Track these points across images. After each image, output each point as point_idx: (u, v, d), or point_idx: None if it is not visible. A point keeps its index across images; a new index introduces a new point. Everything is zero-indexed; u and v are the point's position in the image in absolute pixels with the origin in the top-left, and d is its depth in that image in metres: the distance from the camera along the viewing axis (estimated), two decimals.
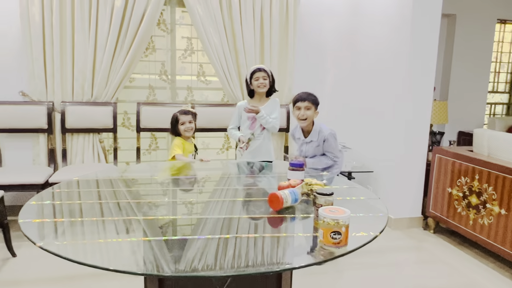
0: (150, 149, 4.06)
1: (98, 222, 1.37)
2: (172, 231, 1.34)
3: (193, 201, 1.69)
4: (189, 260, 1.09)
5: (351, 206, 1.65)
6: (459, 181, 3.04)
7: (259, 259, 1.10)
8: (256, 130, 2.87)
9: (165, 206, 1.61)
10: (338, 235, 1.15)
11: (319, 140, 2.61)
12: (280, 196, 1.47)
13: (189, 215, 1.51)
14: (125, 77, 3.59)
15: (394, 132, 3.42)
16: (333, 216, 1.14)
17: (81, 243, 1.21)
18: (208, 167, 2.46)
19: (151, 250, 1.15)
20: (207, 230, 1.32)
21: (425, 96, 3.33)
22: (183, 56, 3.99)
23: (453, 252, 3.00)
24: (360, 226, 1.39)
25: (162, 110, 3.63)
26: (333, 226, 1.14)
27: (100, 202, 1.59)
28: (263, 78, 2.80)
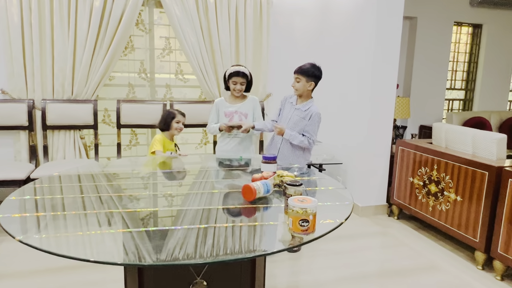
0: (130, 144, 4.03)
1: (80, 215, 1.37)
2: (153, 223, 1.35)
3: (173, 194, 1.69)
4: (170, 250, 1.10)
5: (320, 196, 1.69)
6: (420, 171, 3.15)
7: (235, 247, 1.12)
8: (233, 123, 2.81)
9: (145, 199, 1.61)
10: (306, 223, 1.18)
11: (305, 113, 2.55)
12: (253, 187, 1.49)
13: (169, 207, 1.52)
14: (105, 75, 3.53)
15: (361, 127, 3.50)
16: (301, 205, 1.17)
17: (63, 236, 1.20)
18: (187, 161, 2.46)
19: (133, 241, 1.16)
20: (187, 220, 1.33)
21: (389, 93, 3.43)
22: (161, 55, 3.96)
23: (415, 236, 3.12)
24: (328, 214, 1.43)
25: (142, 107, 3.60)
26: (301, 215, 1.17)
27: (82, 196, 1.58)
28: (241, 84, 2.73)
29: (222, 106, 2.84)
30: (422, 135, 4.88)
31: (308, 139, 2.57)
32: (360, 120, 3.51)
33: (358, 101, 3.52)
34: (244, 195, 1.53)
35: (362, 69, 3.44)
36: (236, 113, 2.82)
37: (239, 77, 2.71)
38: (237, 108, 2.82)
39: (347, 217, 1.39)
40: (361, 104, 3.49)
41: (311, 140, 2.57)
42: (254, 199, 1.51)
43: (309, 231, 1.20)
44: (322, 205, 1.51)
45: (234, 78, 2.71)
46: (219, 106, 2.86)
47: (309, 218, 1.18)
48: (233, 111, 2.82)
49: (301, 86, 2.54)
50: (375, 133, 3.45)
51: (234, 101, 2.84)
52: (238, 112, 2.82)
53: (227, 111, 2.82)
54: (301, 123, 2.58)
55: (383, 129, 3.47)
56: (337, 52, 3.83)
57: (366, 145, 3.47)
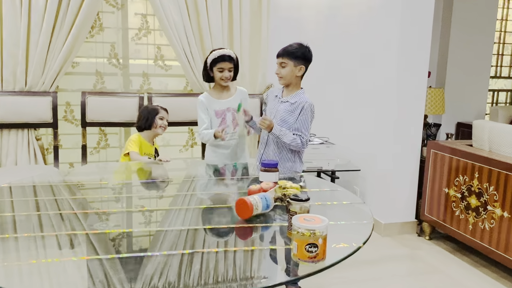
0: (98, 147, 4.03)
1: (36, 238, 1.37)
2: (127, 246, 1.36)
3: (151, 209, 1.70)
4: (147, 278, 1.11)
5: (332, 213, 1.71)
6: (457, 180, 3.16)
7: (228, 277, 1.14)
8: (228, 129, 2.80)
9: (117, 216, 1.62)
10: (314, 248, 1.18)
11: (295, 105, 2.51)
12: (249, 202, 1.50)
13: (147, 227, 1.53)
14: (66, 62, 3.54)
15: (383, 125, 3.51)
16: (309, 226, 1.18)
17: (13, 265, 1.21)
18: (169, 168, 2.48)
19: (102, 268, 1.17)
20: (168, 244, 1.34)
21: (419, 82, 3.43)
22: (137, 36, 3.97)
23: (451, 261, 3.11)
24: (341, 236, 1.44)
25: (113, 101, 3.61)
26: (309, 238, 1.17)
27: (38, 214, 1.59)
28: (229, 70, 2.72)
29: (210, 103, 2.82)
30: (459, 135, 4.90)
31: (301, 138, 2.48)
32: (383, 116, 3.51)
33: (381, 93, 3.53)
34: (239, 212, 1.53)
35: (385, 54, 3.46)
36: (228, 110, 2.81)
37: (226, 61, 2.70)
38: (228, 104, 2.82)
39: (366, 239, 1.41)
40: (384, 96, 3.50)
41: (304, 139, 2.50)
42: (250, 217, 1.52)
43: (318, 258, 1.20)
44: (334, 224, 1.52)
45: (220, 64, 2.70)
46: (206, 105, 2.83)
47: (318, 242, 1.19)
48: (225, 108, 2.81)
49: (288, 72, 2.48)
50: (402, 133, 3.45)
51: (221, 94, 2.83)
52: (230, 109, 2.81)
53: (217, 109, 2.80)
54: (290, 118, 2.51)
55: (411, 127, 3.48)
56: (354, 33, 3.84)
57: (390, 148, 3.47)
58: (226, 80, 2.74)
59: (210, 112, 2.82)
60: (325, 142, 3.69)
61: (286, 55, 2.46)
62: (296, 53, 2.45)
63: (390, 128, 3.45)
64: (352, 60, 3.91)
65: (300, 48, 2.47)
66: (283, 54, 2.48)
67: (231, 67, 2.73)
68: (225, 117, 2.80)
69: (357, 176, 3.85)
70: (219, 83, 2.79)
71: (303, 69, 2.49)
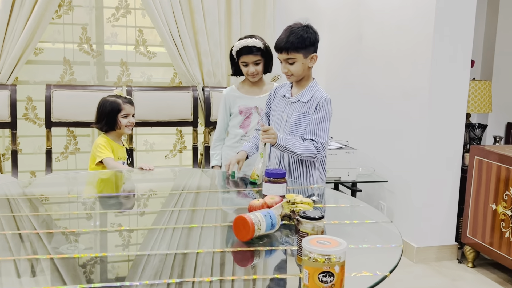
0: (66, 152, 4.07)
1: None
2: (100, 273, 1.37)
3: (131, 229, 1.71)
4: None
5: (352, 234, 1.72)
6: (507, 194, 3.16)
7: None
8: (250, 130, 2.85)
9: (89, 236, 1.63)
10: (330, 277, 1.18)
11: (310, 104, 2.44)
12: (250, 220, 1.50)
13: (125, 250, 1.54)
14: (27, 48, 3.59)
15: (415, 126, 3.53)
16: (323, 250, 1.17)
17: None
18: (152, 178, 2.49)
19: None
20: (150, 272, 1.35)
21: (459, 73, 3.45)
22: (113, 17, 4.01)
23: None
24: (363, 262, 1.45)
25: (84, 96, 3.64)
26: (323, 265, 1.17)
27: None
28: (254, 64, 2.76)
29: (234, 100, 2.89)
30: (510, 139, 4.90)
31: (315, 143, 2.38)
32: (415, 115, 3.53)
33: (412, 87, 3.55)
34: (237, 233, 1.54)
35: (419, 36, 3.47)
36: (255, 109, 2.87)
37: (251, 54, 2.74)
38: (257, 102, 2.87)
39: (394, 267, 1.41)
40: (416, 91, 3.51)
41: (319, 144, 2.39)
42: (251, 239, 1.53)
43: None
44: (355, 248, 1.53)
45: (243, 58, 2.76)
46: (229, 101, 2.90)
47: (335, 270, 1.18)
48: (252, 106, 2.86)
49: (298, 68, 2.40)
50: (438, 136, 3.47)
51: (251, 90, 2.89)
52: (258, 108, 2.87)
53: (243, 106, 2.86)
54: (305, 121, 2.44)
55: (450, 129, 3.49)
56: (381, 12, 3.85)
57: (425, 155, 3.48)
58: (253, 75, 2.80)
59: (233, 110, 2.89)
60: (345, 147, 3.70)
61: (292, 49, 2.36)
62: (305, 42, 2.36)
63: (423, 130, 3.46)
64: (376, 46, 3.92)
65: (304, 33, 2.37)
66: (287, 48, 2.37)
67: (257, 60, 2.78)
68: (250, 117, 2.88)
69: (384, 189, 3.86)
70: (247, 78, 2.86)
71: (315, 57, 2.44)
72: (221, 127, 2.96)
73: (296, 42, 2.34)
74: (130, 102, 2.90)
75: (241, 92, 2.90)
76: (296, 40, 2.34)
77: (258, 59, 2.77)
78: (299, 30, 2.36)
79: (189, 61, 3.87)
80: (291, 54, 2.36)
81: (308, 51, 2.39)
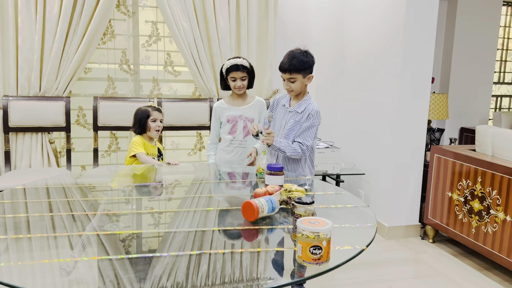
0: (109, 150, 4.07)
1: (49, 238, 1.39)
2: (136, 247, 1.37)
3: (160, 211, 1.72)
4: (156, 279, 1.12)
5: (336, 216, 1.72)
6: (460, 184, 3.15)
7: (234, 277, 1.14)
8: (237, 135, 2.83)
9: (127, 217, 1.64)
10: (318, 250, 1.19)
11: (303, 114, 2.42)
12: (255, 205, 1.51)
13: (156, 228, 1.54)
14: (79, 68, 3.58)
15: (387, 129, 3.52)
16: (313, 229, 1.18)
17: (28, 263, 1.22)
18: (177, 171, 2.50)
19: (112, 268, 1.18)
20: (176, 245, 1.35)
21: (422, 87, 3.44)
22: (147, 43, 4.02)
23: (455, 264, 3.11)
24: (345, 238, 1.45)
25: (124, 106, 3.64)
26: (313, 240, 1.18)
27: (51, 215, 1.61)
28: (241, 79, 2.74)
29: (222, 111, 2.85)
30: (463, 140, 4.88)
31: (301, 146, 2.38)
32: (387, 121, 3.52)
33: (384, 98, 3.54)
34: (245, 214, 1.55)
35: (390, 58, 3.47)
36: (240, 118, 2.83)
37: (239, 71, 2.72)
38: (241, 112, 2.83)
39: (370, 242, 1.41)
40: (387, 102, 3.50)
41: (305, 147, 2.38)
42: (256, 219, 1.53)
43: (322, 260, 1.20)
44: (338, 227, 1.53)
45: (232, 74, 2.73)
46: (218, 113, 2.87)
47: (323, 245, 1.19)
48: (237, 115, 2.83)
49: (298, 85, 2.40)
50: (405, 137, 3.46)
51: (236, 102, 2.86)
52: (243, 117, 2.83)
53: (229, 116, 2.83)
54: (297, 127, 2.44)
55: (415, 132, 3.48)
56: (360, 42, 3.85)
57: (394, 152, 3.48)
58: (240, 89, 2.77)
59: (222, 119, 2.86)
60: (330, 146, 3.70)
61: (294, 71, 2.35)
62: (304, 65, 2.35)
63: (393, 133, 3.46)
64: (356, 65, 3.92)
65: (305, 57, 2.37)
66: (290, 69, 2.36)
67: (244, 76, 2.75)
68: (236, 124, 2.83)
69: (362, 180, 3.86)
70: (233, 91, 2.83)
71: (311, 77, 2.42)
72: (214, 134, 2.91)
73: (297, 65, 2.33)
74: (158, 110, 2.91)
75: (228, 104, 2.85)
76: (298, 63, 2.33)
77: (244, 75, 2.74)
78: (300, 55, 2.35)
79: (207, 78, 3.87)
80: (293, 74, 2.35)
81: (306, 72, 2.38)
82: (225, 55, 3.79)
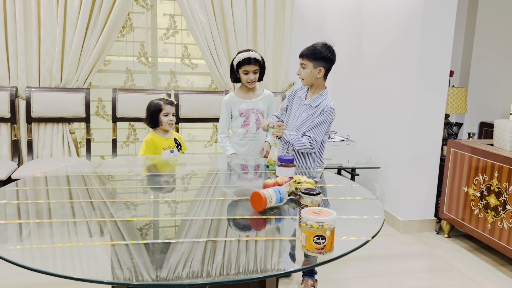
0: (128, 141, 4.16)
1: (68, 224, 1.46)
2: (153, 234, 1.42)
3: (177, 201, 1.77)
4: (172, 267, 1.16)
5: (345, 207, 1.74)
6: (476, 179, 3.15)
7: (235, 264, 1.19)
8: (250, 129, 2.86)
9: (145, 206, 1.69)
10: (322, 240, 1.21)
11: (317, 108, 2.43)
12: (263, 195, 1.54)
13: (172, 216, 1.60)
14: (99, 60, 3.68)
15: (403, 123, 3.53)
16: (317, 219, 1.21)
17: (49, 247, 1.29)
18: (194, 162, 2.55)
19: (129, 256, 1.23)
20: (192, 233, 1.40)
21: (440, 81, 3.43)
22: (165, 36, 4.07)
23: (470, 259, 3.12)
24: (351, 229, 1.48)
25: (142, 97, 3.72)
26: (317, 230, 1.21)
27: (71, 202, 1.67)
28: (254, 72, 2.74)
29: (234, 104, 2.86)
30: (482, 135, 4.82)
31: (310, 140, 2.40)
32: (403, 115, 3.53)
33: (401, 92, 3.55)
34: (253, 204, 1.59)
35: (407, 52, 3.47)
36: (252, 111, 2.84)
37: (251, 64, 2.71)
38: (253, 105, 2.85)
39: (375, 234, 1.43)
40: (404, 95, 3.51)
41: (314, 142, 2.41)
42: (264, 209, 1.57)
43: (326, 249, 1.23)
44: (346, 218, 1.57)
45: (245, 67, 2.72)
46: (230, 105, 2.87)
47: (326, 234, 1.22)
48: (249, 108, 2.84)
49: (307, 73, 2.42)
50: (422, 131, 3.47)
51: (247, 95, 2.87)
52: (254, 109, 2.85)
53: (241, 109, 2.84)
54: (309, 121, 2.46)
55: (431, 126, 3.49)
56: (378, 34, 3.85)
57: (410, 146, 3.49)
58: (252, 82, 2.78)
59: (234, 113, 2.87)
60: (346, 140, 3.72)
61: (306, 56, 2.40)
62: (315, 54, 2.37)
63: (410, 127, 3.47)
64: (373, 58, 3.93)
65: (321, 48, 2.38)
66: (304, 54, 2.42)
67: (256, 69, 2.75)
68: (249, 117, 2.85)
69: (377, 173, 3.89)
70: (245, 84, 2.83)
71: (322, 71, 2.42)
72: (224, 125, 2.90)
73: (310, 53, 2.39)
74: (170, 104, 2.84)
75: (239, 97, 2.85)
76: (311, 52, 2.39)
77: (256, 69, 2.75)
78: (320, 46, 2.40)
79: (223, 71, 3.92)
80: (304, 60, 2.41)
81: (318, 63, 2.39)
82: (241, 48, 3.83)
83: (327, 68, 2.44)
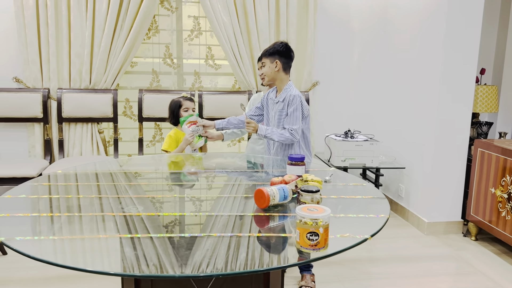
0: (154, 140, 4.37)
1: (97, 218, 1.57)
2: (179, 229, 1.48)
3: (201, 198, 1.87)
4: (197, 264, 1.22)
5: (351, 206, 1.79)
6: (504, 180, 3.16)
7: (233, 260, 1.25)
8: None
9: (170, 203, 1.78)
10: (315, 236, 1.24)
11: (285, 102, 2.60)
12: (266, 192, 1.60)
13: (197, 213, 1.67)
14: (125, 62, 3.92)
15: (429, 123, 3.58)
16: (311, 215, 1.24)
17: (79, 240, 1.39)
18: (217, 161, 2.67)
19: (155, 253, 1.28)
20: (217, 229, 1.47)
21: (466, 79, 3.47)
22: (189, 37, 4.26)
23: (496, 263, 3.12)
24: (353, 228, 1.52)
25: (167, 98, 3.84)
26: (310, 227, 1.24)
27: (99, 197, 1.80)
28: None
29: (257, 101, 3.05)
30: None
31: (289, 131, 2.56)
32: (429, 114, 3.58)
33: (427, 90, 3.60)
34: (257, 201, 1.65)
35: (433, 50, 3.52)
36: None
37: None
38: None
39: (375, 233, 1.46)
40: (430, 95, 3.56)
41: (292, 130, 2.56)
42: (268, 206, 1.64)
43: (319, 246, 1.26)
44: (350, 217, 1.62)
45: (258, 64, 2.83)
46: (254, 104, 3.04)
47: (319, 231, 1.24)
48: None
49: (266, 70, 2.64)
50: (448, 131, 3.51)
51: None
52: None
53: None
54: (283, 116, 2.63)
55: (458, 126, 3.52)
56: (401, 30, 3.92)
57: (436, 146, 3.53)
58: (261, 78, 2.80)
59: None
60: (370, 139, 3.77)
61: (262, 55, 2.66)
62: (268, 51, 2.62)
63: (435, 126, 3.51)
64: (398, 58, 4.00)
65: (274, 44, 2.63)
66: (261, 55, 2.69)
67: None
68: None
69: (403, 174, 3.94)
70: None
71: (279, 63, 2.61)
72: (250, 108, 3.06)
73: (264, 51, 2.67)
74: (189, 99, 3.03)
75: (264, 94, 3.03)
76: (265, 50, 2.66)
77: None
78: (272, 44, 2.65)
79: (246, 71, 4.09)
80: (262, 60, 2.69)
81: (273, 57, 2.63)
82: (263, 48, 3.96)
83: (284, 62, 2.64)
